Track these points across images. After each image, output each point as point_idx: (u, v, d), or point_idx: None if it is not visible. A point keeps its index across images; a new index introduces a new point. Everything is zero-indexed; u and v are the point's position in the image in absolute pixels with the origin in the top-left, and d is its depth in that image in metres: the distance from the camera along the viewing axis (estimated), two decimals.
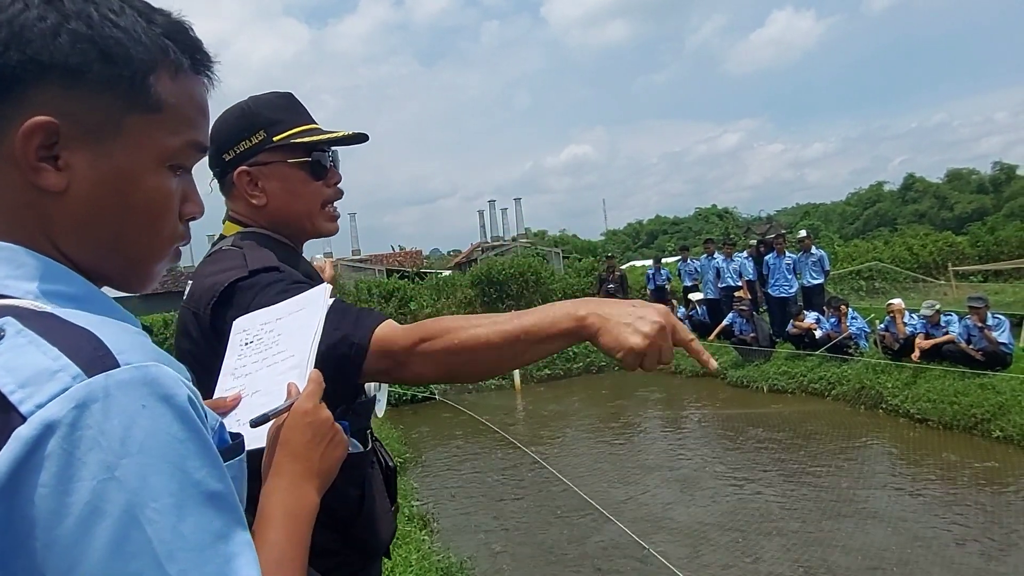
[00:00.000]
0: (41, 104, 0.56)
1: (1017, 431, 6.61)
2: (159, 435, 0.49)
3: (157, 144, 0.62)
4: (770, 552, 4.90)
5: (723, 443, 8.10)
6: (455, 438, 9.43)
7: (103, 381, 0.48)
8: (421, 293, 16.27)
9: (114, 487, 0.46)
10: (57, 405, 0.47)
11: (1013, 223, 22.94)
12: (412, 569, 4.13)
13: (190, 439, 0.51)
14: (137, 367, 0.50)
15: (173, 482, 0.49)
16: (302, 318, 0.94)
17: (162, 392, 0.50)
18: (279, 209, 1.33)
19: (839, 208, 57.11)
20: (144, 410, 0.49)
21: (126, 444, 0.47)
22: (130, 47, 0.59)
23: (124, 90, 0.59)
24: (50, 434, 0.46)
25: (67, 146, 0.57)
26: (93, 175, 0.59)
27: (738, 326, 11.37)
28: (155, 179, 0.62)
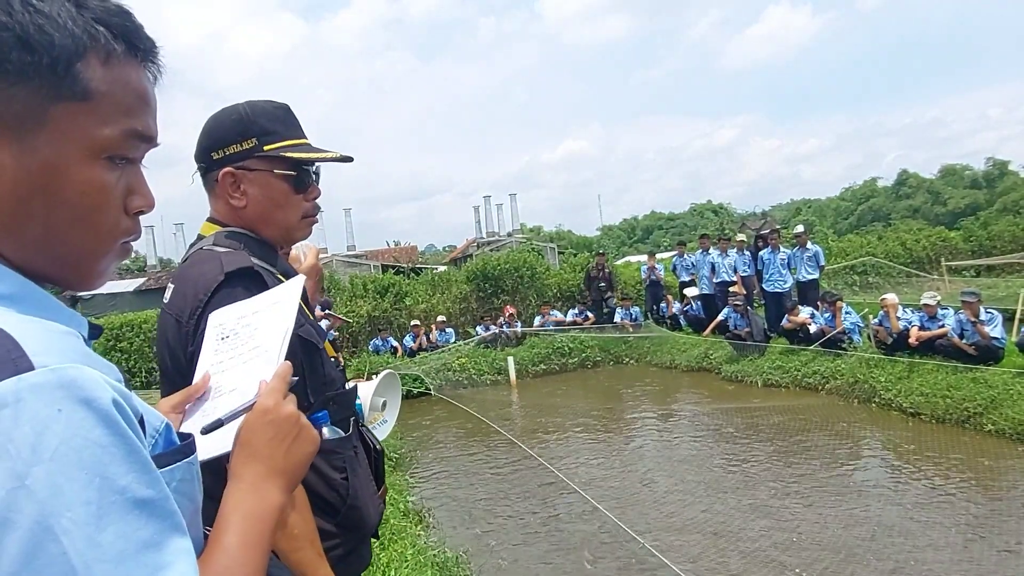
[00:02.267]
0: None
1: (1009, 424, 6.66)
2: (76, 441, 0.46)
3: (87, 134, 0.58)
4: (762, 544, 4.93)
5: (717, 437, 8.13)
6: (451, 433, 9.44)
7: (13, 385, 0.46)
8: (416, 289, 16.25)
9: (23, 496, 0.44)
10: None
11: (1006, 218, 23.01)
12: (407, 564, 4.14)
13: (113, 444, 0.48)
14: (53, 369, 0.47)
15: (90, 490, 0.46)
16: (276, 313, 0.94)
17: (81, 395, 0.48)
18: (258, 215, 1.35)
19: (833, 203, 57.20)
20: (60, 415, 0.46)
21: (37, 451, 0.45)
22: (53, 34, 0.55)
23: (46, 79, 0.56)
24: None
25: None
26: (18, 169, 0.55)
27: (733, 321, 11.40)
28: (87, 171, 0.59)
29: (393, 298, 15.46)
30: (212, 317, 1.01)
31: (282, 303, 0.95)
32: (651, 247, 39.83)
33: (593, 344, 13.74)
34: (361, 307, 14.89)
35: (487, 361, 13.11)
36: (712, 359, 11.50)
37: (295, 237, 1.43)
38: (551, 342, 13.72)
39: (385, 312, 15.13)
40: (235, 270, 1.19)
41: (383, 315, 15.05)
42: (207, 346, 0.96)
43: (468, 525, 5.93)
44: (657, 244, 48.80)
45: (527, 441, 8.14)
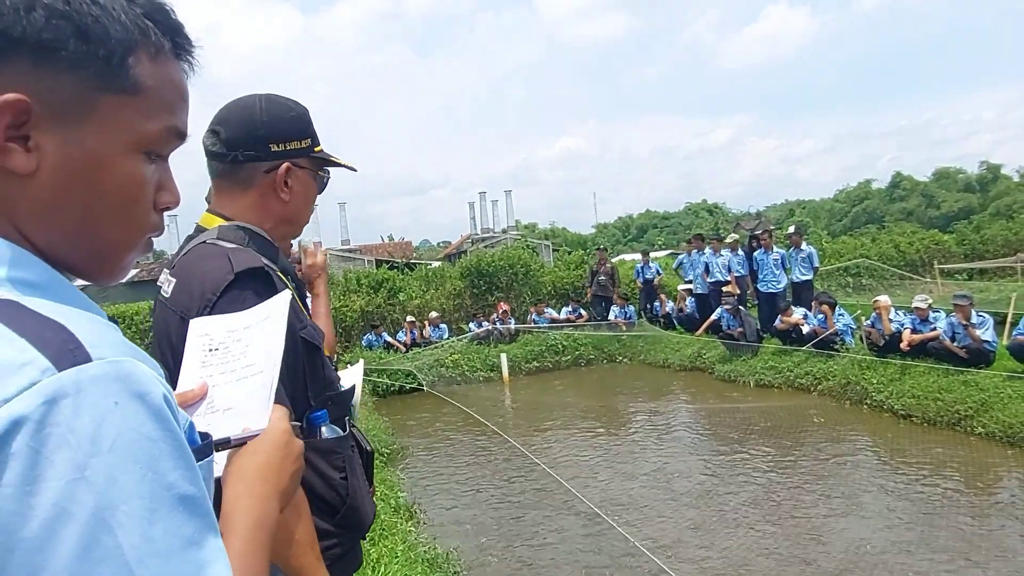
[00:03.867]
0: (8, 81, 0.53)
1: (999, 427, 6.70)
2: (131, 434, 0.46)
3: (133, 128, 0.59)
4: (751, 543, 4.94)
5: (708, 436, 8.15)
6: (442, 429, 9.43)
7: (74, 376, 0.46)
8: (410, 284, 16.22)
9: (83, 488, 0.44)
10: (25, 400, 0.44)
11: (998, 222, 23.16)
12: (398, 560, 4.12)
13: (163, 439, 0.48)
14: (110, 362, 0.48)
15: (144, 484, 0.46)
16: (268, 329, 0.92)
17: (136, 389, 0.48)
18: (295, 211, 1.37)
19: (827, 205, 57.38)
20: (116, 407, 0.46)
21: (97, 443, 0.45)
22: (108, 25, 0.56)
23: (99, 70, 0.56)
24: (16, 430, 0.43)
25: (37, 126, 0.54)
26: (63, 158, 0.56)
27: (726, 321, 11.42)
28: (129, 164, 0.60)
29: (387, 293, 15.42)
30: (196, 325, 0.99)
31: (272, 319, 0.93)
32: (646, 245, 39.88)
33: (586, 342, 13.75)
34: (354, 302, 14.85)
35: (480, 358, 13.10)
36: (705, 359, 11.52)
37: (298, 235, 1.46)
38: (544, 339, 13.71)
39: (379, 307, 15.09)
40: (246, 270, 1.17)
41: (376, 310, 15.01)
42: (192, 355, 0.94)
43: (459, 522, 5.92)
44: (651, 243, 48.86)
45: (519, 438, 8.13)
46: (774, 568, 4.57)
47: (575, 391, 11.61)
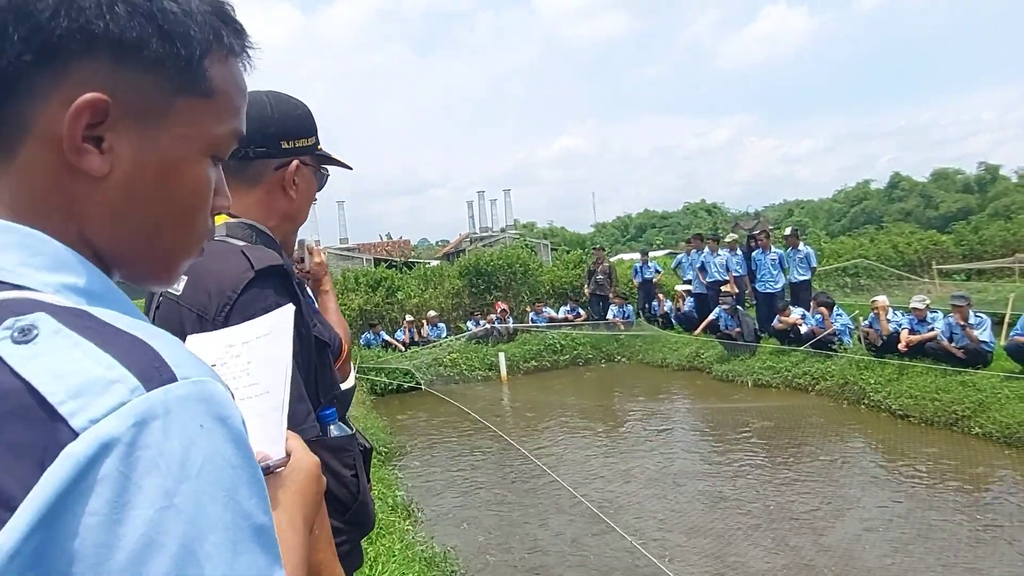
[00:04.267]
0: (85, 79, 0.51)
1: (996, 428, 6.71)
2: (216, 460, 0.44)
3: (204, 132, 0.58)
4: (748, 542, 4.94)
5: (706, 436, 8.16)
6: (440, 428, 9.43)
7: (162, 396, 0.43)
8: (409, 283, 16.21)
9: (173, 517, 0.41)
10: (114, 421, 0.41)
11: (997, 223, 23.18)
12: (396, 559, 4.12)
13: (243, 465, 0.46)
14: (195, 382, 0.45)
15: (228, 513, 0.44)
16: (270, 346, 0.88)
17: (219, 412, 0.46)
18: (299, 209, 1.37)
19: (826, 205, 57.44)
20: (203, 431, 0.44)
21: (185, 468, 0.42)
22: (189, 26, 0.55)
23: (178, 71, 0.55)
24: (106, 454, 0.40)
25: (113, 127, 0.52)
26: (137, 160, 0.54)
27: (724, 321, 11.43)
28: (198, 169, 0.58)
29: (385, 292, 15.42)
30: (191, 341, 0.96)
31: (275, 334, 0.90)
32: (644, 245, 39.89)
33: (585, 342, 13.75)
34: (353, 300, 14.84)
35: (478, 357, 13.10)
36: (703, 358, 11.53)
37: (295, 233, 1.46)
38: (543, 339, 13.72)
39: (377, 306, 15.08)
40: (266, 267, 1.16)
41: (375, 309, 15.01)
42: None
43: (456, 521, 5.92)
44: (650, 242, 48.87)
45: (517, 437, 8.14)
46: (772, 568, 4.58)
47: (573, 390, 11.62)
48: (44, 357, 0.42)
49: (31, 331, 0.43)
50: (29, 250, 0.50)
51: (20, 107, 0.51)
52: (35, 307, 0.45)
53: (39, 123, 0.51)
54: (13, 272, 0.49)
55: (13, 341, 0.42)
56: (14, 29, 0.49)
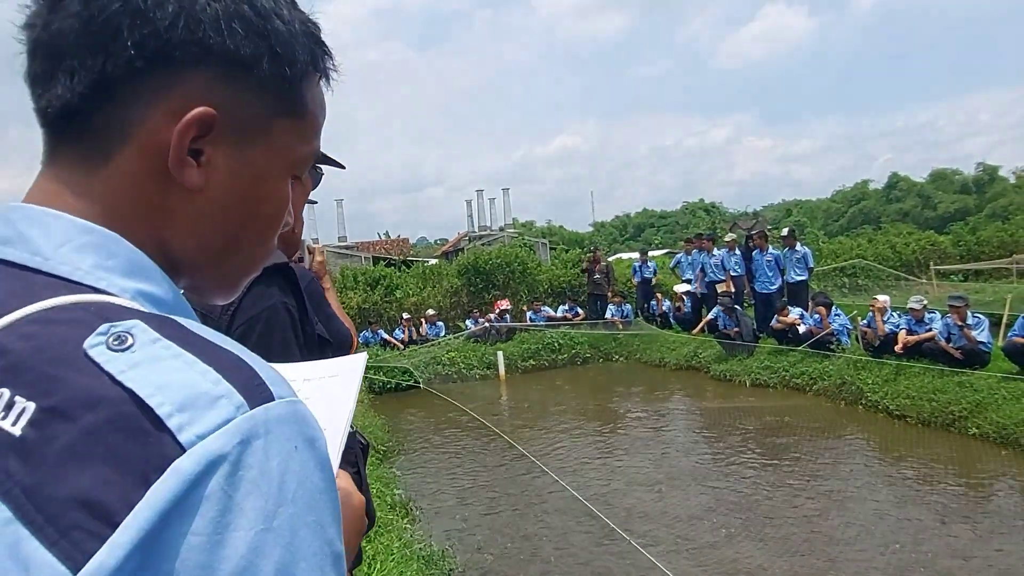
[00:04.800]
0: (193, 92, 0.50)
1: (993, 428, 6.73)
2: (308, 483, 0.43)
3: (293, 152, 0.58)
4: (745, 542, 4.96)
5: (704, 435, 8.17)
6: (439, 427, 9.44)
7: (264, 415, 0.41)
8: (407, 281, 16.21)
9: (271, 540, 0.40)
10: (222, 438, 0.39)
11: (994, 223, 23.27)
12: (394, 557, 4.13)
13: (327, 490, 0.45)
14: (289, 403, 0.44)
15: (317, 540, 0.42)
16: (336, 387, 0.89)
17: (309, 434, 0.44)
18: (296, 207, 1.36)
19: (824, 205, 57.51)
20: (296, 453, 0.43)
21: (283, 491, 0.41)
22: (296, 47, 0.55)
23: (282, 91, 0.55)
24: (212, 471, 0.39)
25: (213, 142, 0.52)
26: (232, 177, 0.54)
27: (722, 320, 11.45)
28: (283, 188, 0.58)
29: (383, 290, 15.42)
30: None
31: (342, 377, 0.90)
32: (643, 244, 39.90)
33: (583, 341, 13.77)
34: (351, 299, 14.84)
35: (477, 356, 13.11)
36: (701, 358, 11.54)
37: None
38: (541, 338, 13.73)
39: (375, 304, 15.08)
40: (271, 266, 1.17)
41: (373, 307, 15.01)
42: None
43: (454, 519, 5.93)
44: (649, 242, 48.88)
45: (515, 436, 8.14)
46: (770, 568, 4.59)
47: (571, 389, 11.63)
48: (145, 366, 0.40)
49: (127, 339, 0.42)
50: (105, 252, 0.49)
51: (122, 111, 0.50)
52: (126, 313, 0.44)
53: (140, 130, 0.50)
54: (90, 274, 0.47)
55: (109, 348, 0.41)
56: (128, 34, 0.48)
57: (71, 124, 0.51)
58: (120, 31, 0.48)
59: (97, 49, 0.49)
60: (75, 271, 0.47)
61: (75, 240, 0.48)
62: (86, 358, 0.40)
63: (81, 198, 0.51)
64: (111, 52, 0.49)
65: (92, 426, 0.38)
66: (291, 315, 1.19)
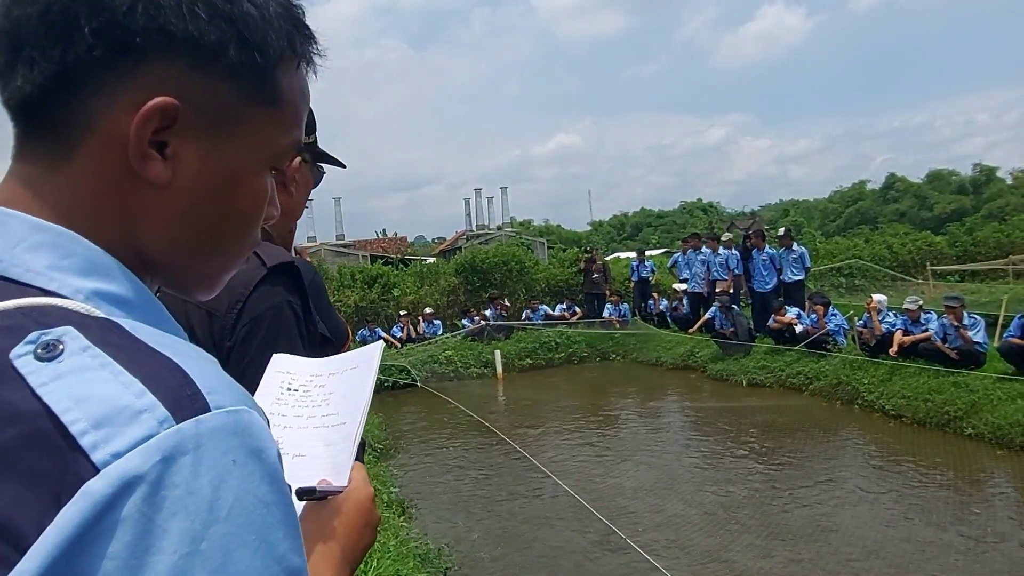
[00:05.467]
0: (157, 82, 0.48)
1: (988, 429, 6.75)
2: (248, 499, 0.40)
3: (270, 142, 0.55)
4: (741, 541, 4.97)
5: (701, 435, 8.18)
6: (436, 425, 9.44)
7: (193, 429, 0.39)
8: (404, 280, 16.20)
9: (198, 563, 0.37)
10: (140, 456, 0.37)
11: (991, 224, 23.29)
12: (390, 555, 4.13)
13: (276, 504, 0.42)
14: (229, 412, 0.41)
15: (258, 558, 0.40)
16: (355, 379, 0.89)
17: (253, 445, 0.42)
18: (297, 206, 1.36)
19: (821, 205, 57.55)
20: (235, 467, 0.40)
21: (214, 510, 0.38)
22: (268, 33, 0.52)
23: (253, 79, 0.52)
24: (128, 493, 0.36)
25: (179, 134, 0.49)
26: (201, 170, 0.51)
27: (719, 320, 11.46)
28: (260, 180, 0.56)
29: (381, 289, 15.41)
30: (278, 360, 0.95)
31: (361, 368, 0.90)
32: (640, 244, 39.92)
33: (580, 340, 13.78)
34: (349, 297, 14.83)
35: (474, 354, 13.11)
36: (697, 357, 11.55)
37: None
38: (538, 336, 13.73)
39: (373, 303, 15.08)
40: (278, 264, 1.16)
41: (371, 305, 15.00)
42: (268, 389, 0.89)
43: (451, 517, 5.93)
44: (646, 241, 48.89)
45: (512, 434, 8.15)
46: (765, 568, 4.60)
47: (568, 388, 11.64)
48: (68, 378, 0.38)
49: (56, 347, 0.39)
50: (61, 251, 0.46)
51: (84, 104, 0.47)
52: (63, 318, 0.42)
53: (103, 123, 0.48)
54: (42, 275, 0.45)
55: (36, 358, 0.39)
56: (86, 22, 0.46)
57: (33, 117, 0.49)
58: (78, 19, 0.46)
59: (56, 38, 0.46)
60: (26, 272, 0.45)
61: (29, 239, 0.46)
62: (11, 368, 0.38)
63: (42, 195, 0.48)
64: (70, 41, 0.46)
65: (8, 443, 0.36)
66: (296, 315, 1.19)
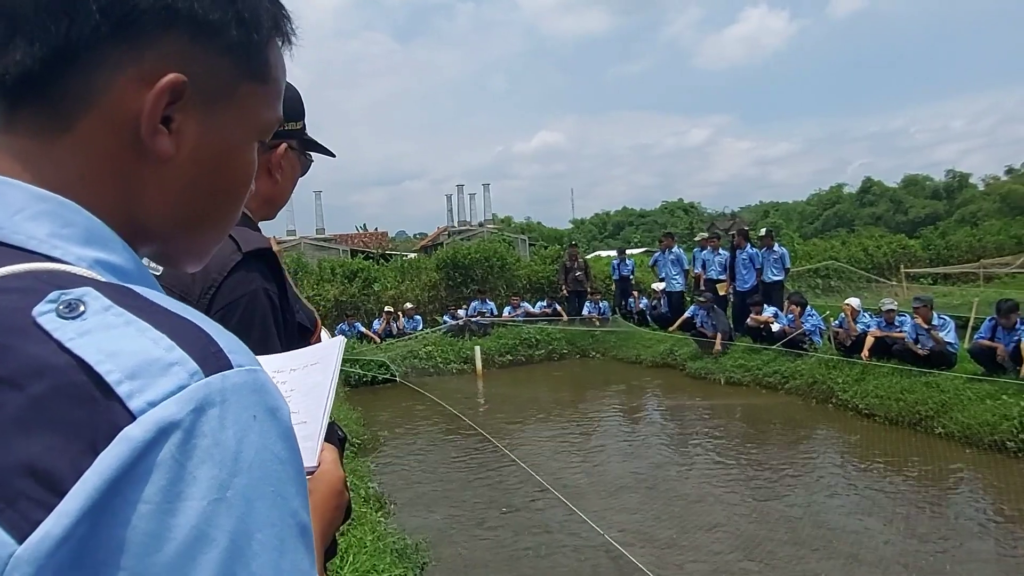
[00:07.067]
0: (162, 58, 0.50)
1: (958, 428, 6.89)
2: (266, 453, 0.42)
3: (260, 117, 0.58)
4: (714, 536, 5.02)
5: (677, 431, 8.26)
6: (414, 421, 9.41)
7: (220, 383, 0.41)
8: (385, 275, 16.13)
9: (224, 511, 0.39)
10: (175, 405, 0.39)
11: (963, 229, 23.79)
12: (367, 550, 4.11)
13: (290, 461, 0.44)
14: (249, 371, 0.43)
15: (275, 511, 0.42)
16: (316, 375, 0.89)
17: (271, 403, 0.44)
18: (282, 193, 1.35)
19: (800, 207, 58.35)
20: (255, 422, 0.42)
21: (239, 461, 0.40)
22: (261, 11, 0.55)
23: (248, 55, 0.55)
24: (164, 439, 0.38)
25: (183, 109, 0.51)
26: (202, 144, 0.53)
27: (700, 318, 11.56)
28: (250, 153, 0.58)
29: (361, 283, 15.32)
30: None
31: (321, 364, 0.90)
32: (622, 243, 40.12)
33: (560, 336, 13.82)
34: (328, 291, 14.73)
35: (454, 350, 13.09)
36: (677, 355, 11.65)
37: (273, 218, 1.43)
38: (518, 333, 13.75)
39: (353, 297, 14.99)
40: (254, 250, 1.15)
41: (351, 300, 14.91)
42: None
43: (429, 513, 5.92)
44: (628, 240, 49.14)
45: (491, 430, 8.15)
46: (738, 560, 4.66)
47: (547, 385, 11.67)
48: (96, 334, 0.39)
49: (78, 306, 0.40)
50: (61, 220, 0.48)
51: (86, 78, 0.48)
52: (78, 281, 0.43)
53: (105, 97, 0.49)
54: (45, 243, 0.46)
55: (59, 316, 0.40)
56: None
57: (31, 91, 0.49)
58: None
59: (60, 14, 0.47)
60: (29, 240, 0.46)
61: (30, 208, 0.47)
62: (35, 326, 0.39)
63: (39, 167, 0.49)
64: (75, 17, 0.47)
65: (40, 394, 0.37)
66: (272, 302, 1.17)
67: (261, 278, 1.14)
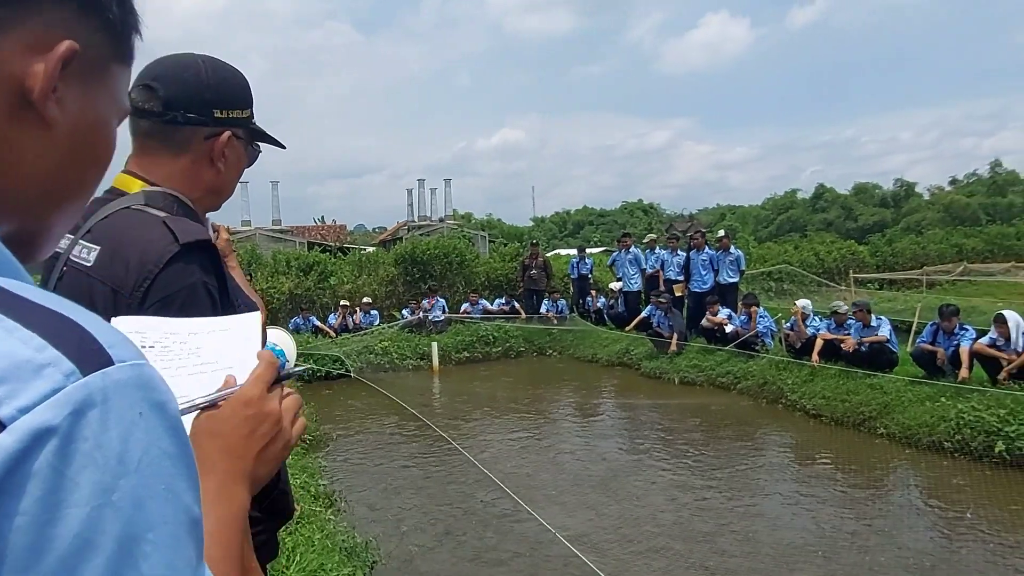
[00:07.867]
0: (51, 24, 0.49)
1: (898, 428, 7.14)
2: (154, 451, 0.41)
3: (121, 98, 0.58)
4: (664, 535, 5.09)
5: (630, 430, 8.35)
6: (368, 417, 9.29)
7: (100, 381, 0.39)
8: (342, 268, 15.88)
9: (110, 515, 0.37)
10: (51, 410, 0.37)
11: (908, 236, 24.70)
12: (314, 548, 4.03)
13: (180, 455, 0.43)
14: (132, 365, 0.41)
15: (167, 508, 0.40)
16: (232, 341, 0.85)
17: (157, 398, 0.42)
18: (226, 183, 1.30)
19: (755, 211, 59.61)
20: (140, 419, 0.40)
21: (124, 462, 0.39)
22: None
23: (119, 35, 0.55)
24: (39, 447, 0.36)
25: (65, 79, 0.50)
26: (78, 115, 0.52)
27: (656, 319, 11.70)
28: (114, 133, 0.58)
29: (317, 276, 15.06)
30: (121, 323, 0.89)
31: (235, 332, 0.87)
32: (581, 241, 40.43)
33: (517, 334, 13.83)
34: (283, 284, 14.43)
35: (410, 346, 12.97)
36: (632, 355, 11.77)
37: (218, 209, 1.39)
38: (475, 330, 13.71)
39: (308, 291, 14.72)
40: (193, 242, 1.09)
41: (306, 293, 14.64)
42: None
43: (381, 510, 5.85)
44: (588, 239, 49.51)
45: (445, 427, 8.10)
46: (690, 556, 4.72)
47: (504, 382, 11.66)
48: None
49: None
50: None
51: None
52: None
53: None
54: None
55: None
56: None
57: None
58: None
59: None
60: None
61: None
62: None
63: None
64: None
65: None
66: (212, 296, 1.12)
67: (200, 271, 1.08)
